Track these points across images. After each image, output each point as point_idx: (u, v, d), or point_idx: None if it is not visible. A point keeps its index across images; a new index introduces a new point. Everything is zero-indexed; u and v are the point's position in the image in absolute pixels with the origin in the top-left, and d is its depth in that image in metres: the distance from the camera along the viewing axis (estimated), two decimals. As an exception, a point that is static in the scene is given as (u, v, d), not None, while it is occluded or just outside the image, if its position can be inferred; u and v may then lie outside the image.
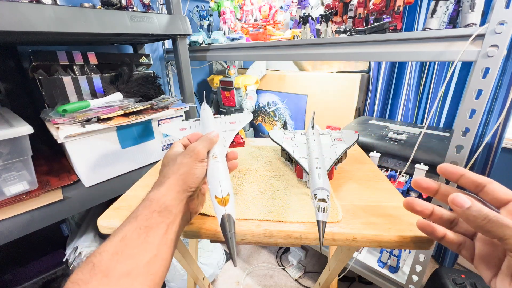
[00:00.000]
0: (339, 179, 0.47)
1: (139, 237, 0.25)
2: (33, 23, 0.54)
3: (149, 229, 0.25)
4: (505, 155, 0.98)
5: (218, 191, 0.29)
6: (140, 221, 0.26)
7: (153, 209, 0.27)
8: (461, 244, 0.26)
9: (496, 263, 0.23)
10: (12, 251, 0.86)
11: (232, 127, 0.46)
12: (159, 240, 0.25)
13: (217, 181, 0.30)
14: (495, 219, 0.20)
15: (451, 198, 0.23)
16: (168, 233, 0.27)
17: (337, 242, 0.34)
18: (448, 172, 0.26)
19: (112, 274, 0.22)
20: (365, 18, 0.73)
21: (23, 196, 0.60)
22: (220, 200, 0.28)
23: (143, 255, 0.24)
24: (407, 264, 0.88)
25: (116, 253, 0.23)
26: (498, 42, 0.46)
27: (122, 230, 0.25)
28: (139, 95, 0.83)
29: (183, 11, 1.02)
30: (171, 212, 0.27)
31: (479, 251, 0.25)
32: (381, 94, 1.15)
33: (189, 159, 0.31)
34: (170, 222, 0.27)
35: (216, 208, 0.28)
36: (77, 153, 0.64)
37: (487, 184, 0.24)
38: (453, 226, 0.27)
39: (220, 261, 1.20)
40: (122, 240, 0.24)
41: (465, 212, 0.22)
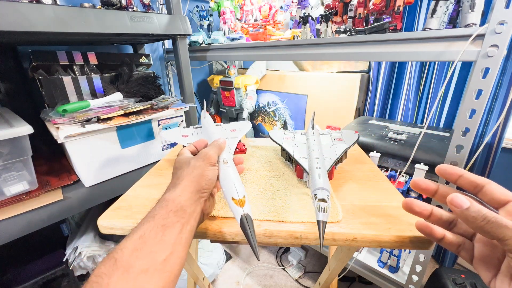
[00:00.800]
0: (339, 179, 0.47)
1: (156, 235, 0.26)
2: (33, 23, 0.54)
3: (165, 228, 0.26)
4: (505, 155, 0.98)
5: (235, 194, 0.31)
6: (157, 220, 0.27)
7: (170, 209, 0.28)
8: (460, 245, 0.26)
9: (495, 264, 0.23)
10: (12, 251, 0.86)
11: (234, 134, 0.48)
12: (174, 239, 0.26)
13: (232, 184, 0.32)
14: (494, 220, 0.20)
15: (450, 198, 0.23)
16: (183, 232, 0.28)
17: (337, 242, 0.34)
18: (446, 173, 0.26)
19: (132, 270, 0.23)
20: (365, 18, 0.73)
21: (23, 196, 0.60)
22: (238, 201, 0.30)
23: (160, 253, 0.25)
24: (407, 264, 0.88)
25: (136, 250, 0.24)
26: (498, 42, 0.46)
27: (141, 229, 0.26)
28: (139, 95, 0.83)
29: (183, 11, 1.02)
30: (185, 211, 0.29)
31: (478, 252, 0.25)
32: (381, 94, 1.15)
33: (202, 163, 0.33)
34: (185, 221, 0.28)
35: (234, 209, 0.30)
36: (77, 153, 0.64)
37: (486, 184, 0.24)
38: (452, 227, 0.27)
39: (220, 261, 1.20)
40: (141, 238, 0.25)
41: (464, 212, 0.22)
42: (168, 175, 0.51)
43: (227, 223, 0.37)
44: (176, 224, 0.27)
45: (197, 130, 0.50)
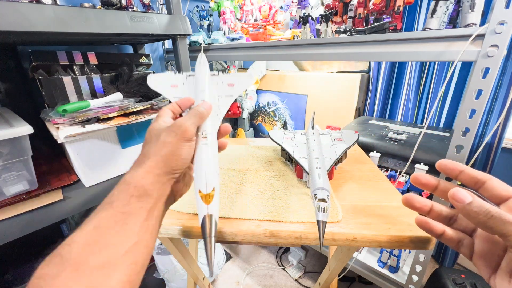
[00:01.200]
0: (339, 179, 0.47)
1: (116, 224, 0.22)
2: (33, 23, 0.54)
3: (127, 215, 0.23)
4: (505, 155, 0.98)
5: (203, 185, 0.26)
6: (116, 207, 0.23)
7: (131, 194, 0.24)
8: (460, 241, 0.26)
9: (495, 260, 0.23)
10: (12, 251, 0.86)
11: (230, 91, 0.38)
12: (139, 227, 0.23)
13: (203, 171, 0.26)
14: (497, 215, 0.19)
15: (452, 193, 0.22)
16: (149, 219, 0.24)
17: (337, 242, 0.34)
18: (447, 168, 0.26)
19: (83, 267, 0.20)
20: (365, 18, 0.73)
21: (23, 196, 0.60)
22: (204, 196, 0.25)
23: (121, 244, 0.22)
24: (407, 264, 0.88)
25: (88, 244, 0.21)
26: (498, 42, 0.46)
27: (96, 218, 0.23)
28: (139, 95, 0.83)
29: (183, 11, 1.02)
30: (151, 196, 0.25)
31: (478, 248, 0.24)
32: (381, 94, 1.15)
33: (174, 138, 0.27)
34: (150, 207, 0.25)
35: (198, 205, 0.25)
36: (77, 153, 0.64)
37: (487, 180, 0.23)
38: (452, 223, 0.27)
39: (220, 261, 1.20)
40: (95, 229, 0.22)
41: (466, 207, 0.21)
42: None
43: (227, 223, 0.37)
44: (140, 211, 0.24)
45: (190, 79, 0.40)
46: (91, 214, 0.23)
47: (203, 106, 0.31)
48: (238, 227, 0.35)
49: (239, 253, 1.35)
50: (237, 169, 0.51)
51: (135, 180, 0.25)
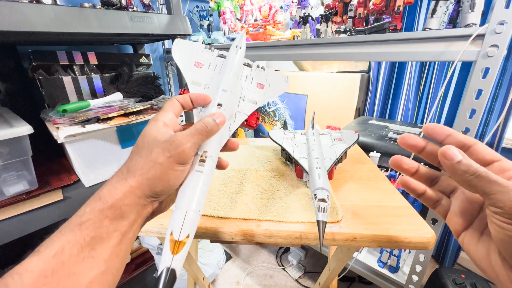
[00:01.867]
0: (339, 179, 0.47)
1: (81, 251, 0.19)
2: (33, 23, 0.54)
3: (96, 240, 0.20)
4: (505, 155, 0.97)
5: (177, 228, 0.21)
6: (85, 229, 0.20)
7: (105, 215, 0.21)
8: (438, 201, 0.27)
9: (468, 218, 0.24)
10: (12, 251, 0.86)
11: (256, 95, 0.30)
12: (109, 253, 0.20)
13: (184, 210, 0.22)
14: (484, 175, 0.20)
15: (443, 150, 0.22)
16: (122, 243, 0.21)
17: (337, 242, 0.34)
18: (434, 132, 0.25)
19: None
20: (365, 18, 0.73)
21: (23, 196, 0.60)
22: (174, 242, 0.21)
23: (85, 274, 0.19)
24: (407, 264, 0.88)
25: (45, 276, 0.17)
26: (498, 42, 0.46)
27: (58, 241, 0.19)
28: (139, 95, 0.83)
29: (183, 11, 1.02)
30: (127, 218, 0.22)
31: (454, 207, 0.25)
32: (381, 94, 1.15)
33: (166, 160, 0.23)
34: (125, 230, 0.22)
35: (164, 252, 0.21)
36: (77, 153, 0.64)
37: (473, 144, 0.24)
38: (433, 185, 0.28)
39: (220, 261, 1.20)
40: (56, 256, 0.18)
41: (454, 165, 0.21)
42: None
43: (227, 223, 0.37)
44: (113, 234, 0.21)
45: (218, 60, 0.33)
46: (55, 232, 0.20)
47: (215, 119, 0.26)
48: (238, 227, 0.35)
49: (239, 253, 1.35)
50: (237, 169, 0.51)
51: (113, 199, 0.22)
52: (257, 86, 0.31)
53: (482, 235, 0.23)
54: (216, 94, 0.28)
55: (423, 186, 0.28)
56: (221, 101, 0.27)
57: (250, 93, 0.30)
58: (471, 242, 0.23)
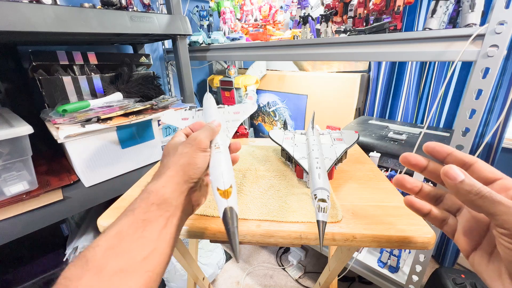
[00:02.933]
0: (339, 179, 0.47)
1: (135, 231, 0.24)
2: (33, 23, 0.54)
3: (146, 223, 0.24)
4: (505, 155, 0.98)
5: (220, 183, 0.27)
6: (137, 214, 0.25)
7: (151, 202, 0.25)
8: (444, 220, 0.26)
9: (476, 239, 0.24)
10: (12, 251, 0.86)
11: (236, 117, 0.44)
12: (157, 235, 0.24)
13: (219, 172, 0.28)
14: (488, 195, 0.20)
15: (445, 170, 0.22)
16: (168, 226, 0.26)
17: (337, 242, 0.34)
18: (435, 151, 0.26)
19: (105, 271, 0.21)
20: (365, 18, 0.73)
21: (23, 196, 0.60)
22: (222, 192, 0.27)
23: (139, 251, 0.23)
24: (407, 264, 0.88)
25: (111, 248, 0.22)
26: (498, 42, 0.46)
27: (118, 224, 0.24)
28: (139, 95, 0.83)
29: (183, 11, 1.02)
30: (170, 204, 0.26)
31: (461, 226, 0.25)
32: (381, 94, 1.15)
33: (190, 149, 0.29)
34: (169, 215, 0.26)
35: (218, 201, 0.27)
36: (77, 153, 0.64)
37: (474, 163, 0.24)
38: (438, 203, 0.27)
39: (220, 261, 1.20)
40: (117, 235, 0.23)
41: (458, 185, 0.21)
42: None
43: (227, 223, 0.36)
44: (159, 219, 0.25)
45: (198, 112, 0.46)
46: (115, 220, 0.25)
47: (214, 123, 0.35)
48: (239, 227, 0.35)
49: (239, 253, 1.35)
50: (237, 169, 0.51)
51: (156, 189, 0.26)
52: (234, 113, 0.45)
53: (491, 255, 0.22)
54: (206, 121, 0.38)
55: (428, 205, 0.27)
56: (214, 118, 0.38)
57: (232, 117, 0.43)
58: (481, 263, 0.22)
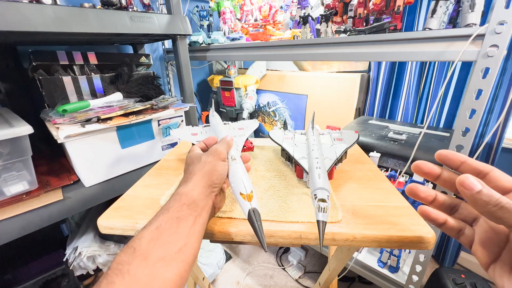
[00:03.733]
0: (339, 179, 0.47)
1: (171, 227, 0.27)
2: (33, 23, 0.54)
3: (179, 220, 0.28)
4: (505, 155, 0.98)
5: (243, 189, 0.32)
6: (172, 212, 0.28)
7: (183, 202, 0.29)
8: (461, 230, 0.25)
9: (496, 250, 0.23)
10: (12, 251, 0.86)
11: (241, 133, 0.50)
12: (188, 231, 0.28)
13: (240, 179, 0.33)
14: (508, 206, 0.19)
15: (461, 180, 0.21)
16: (196, 224, 0.29)
17: (337, 242, 0.34)
18: (447, 159, 0.25)
19: (149, 258, 0.25)
20: (365, 18, 0.73)
21: (23, 196, 0.60)
22: (245, 196, 0.31)
23: (175, 243, 0.27)
24: (407, 264, 0.88)
25: (153, 240, 0.26)
26: (498, 42, 0.46)
27: (157, 220, 0.28)
28: (139, 95, 0.83)
29: (183, 11, 1.02)
30: (198, 205, 0.30)
31: (479, 237, 0.24)
32: (381, 94, 1.15)
33: (212, 158, 0.34)
34: (197, 214, 0.29)
35: (242, 204, 0.31)
36: (77, 153, 0.64)
37: (490, 171, 0.23)
38: (454, 212, 0.27)
39: (220, 261, 1.20)
40: (157, 229, 0.27)
41: (475, 196, 0.20)
42: (168, 175, 0.51)
43: (227, 223, 0.37)
44: (189, 217, 0.29)
45: (205, 128, 0.52)
46: (153, 217, 0.29)
47: (227, 138, 0.40)
48: (238, 227, 0.35)
49: (239, 253, 1.35)
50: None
51: (186, 191, 0.31)
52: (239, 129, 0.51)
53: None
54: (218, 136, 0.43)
55: (443, 215, 0.26)
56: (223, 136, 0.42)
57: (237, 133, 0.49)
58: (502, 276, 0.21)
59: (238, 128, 0.52)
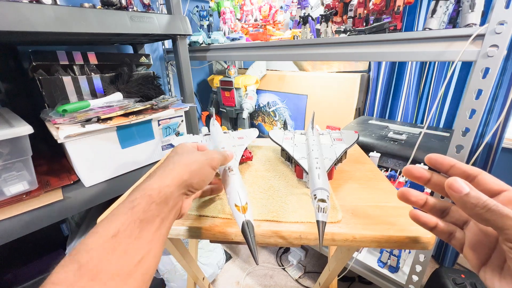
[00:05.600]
0: (339, 179, 0.47)
1: (132, 233, 0.23)
2: (33, 23, 0.54)
3: (144, 223, 0.24)
4: (505, 155, 0.98)
5: (238, 200, 0.31)
6: (136, 213, 0.24)
7: (153, 200, 0.25)
8: (452, 233, 0.26)
9: (486, 253, 0.23)
10: (12, 251, 0.86)
11: (241, 142, 0.49)
12: (151, 236, 0.24)
13: (236, 191, 0.32)
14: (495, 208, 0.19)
15: (449, 182, 0.22)
16: (161, 228, 0.25)
17: (337, 242, 0.34)
18: (438, 163, 0.25)
19: (100, 276, 0.20)
20: (365, 18, 0.73)
21: (23, 196, 0.60)
22: (240, 208, 0.31)
23: (135, 254, 0.22)
24: (407, 264, 0.88)
25: (107, 252, 0.21)
26: (498, 42, 0.46)
27: (115, 224, 0.23)
28: (139, 95, 0.83)
29: (183, 11, 1.02)
30: (167, 205, 0.26)
31: (469, 240, 0.24)
32: (381, 94, 1.15)
33: (204, 160, 0.31)
34: (164, 216, 0.26)
35: (236, 215, 0.30)
36: (77, 153, 0.64)
37: (478, 174, 0.23)
38: (445, 216, 0.27)
39: (220, 261, 1.20)
40: (114, 237, 0.22)
41: (463, 198, 0.21)
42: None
43: (227, 223, 0.37)
44: (156, 219, 0.25)
45: (206, 137, 0.52)
46: (109, 215, 0.24)
47: (227, 152, 0.37)
48: (237, 227, 0.35)
49: (239, 253, 1.35)
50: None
51: (159, 186, 0.26)
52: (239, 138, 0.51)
53: (503, 270, 0.21)
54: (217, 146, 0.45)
55: (434, 219, 0.26)
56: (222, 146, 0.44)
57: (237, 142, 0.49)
58: (493, 278, 0.22)
59: (238, 137, 0.51)
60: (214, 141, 0.48)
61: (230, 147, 0.46)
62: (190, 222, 0.37)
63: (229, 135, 0.52)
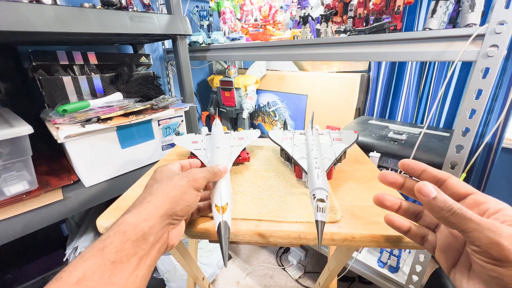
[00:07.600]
0: (338, 179, 0.47)
1: (102, 277, 0.20)
2: (33, 23, 0.54)
3: (116, 265, 0.21)
4: (505, 155, 0.98)
5: (218, 200, 0.31)
6: (106, 254, 0.21)
7: (127, 237, 0.23)
8: (424, 236, 0.27)
9: (455, 255, 0.24)
10: (12, 251, 0.86)
11: (240, 142, 0.49)
12: (126, 279, 0.21)
13: (218, 192, 0.33)
14: (459, 212, 0.20)
15: (418, 186, 0.22)
16: (140, 268, 0.23)
17: (336, 242, 0.34)
18: (410, 168, 0.27)
19: None
20: (365, 18, 0.73)
21: (23, 196, 0.60)
22: (219, 208, 0.31)
23: None
24: (407, 264, 0.88)
25: None
26: (498, 42, 0.46)
27: (81, 267, 0.20)
28: (139, 95, 0.83)
29: (183, 11, 1.02)
30: (147, 241, 0.24)
31: (440, 243, 0.25)
32: (381, 94, 1.15)
33: (185, 184, 0.28)
34: (144, 254, 0.23)
35: (215, 215, 0.30)
36: (77, 153, 0.64)
37: (447, 178, 0.24)
38: (418, 219, 0.28)
39: (220, 261, 1.20)
40: (78, 283, 0.19)
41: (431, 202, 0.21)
42: (167, 175, 0.51)
43: (226, 223, 0.36)
44: (132, 259, 0.22)
45: (207, 137, 0.51)
46: (77, 257, 0.21)
47: (219, 167, 0.34)
48: (237, 227, 0.35)
49: (239, 253, 1.35)
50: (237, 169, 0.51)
51: (135, 222, 0.24)
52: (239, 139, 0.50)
53: (469, 271, 0.22)
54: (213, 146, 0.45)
55: (407, 223, 0.27)
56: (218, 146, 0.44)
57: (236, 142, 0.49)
58: (461, 280, 0.22)
59: (239, 138, 0.51)
60: (212, 141, 0.48)
61: (227, 147, 0.45)
62: (190, 222, 0.37)
63: (230, 135, 0.52)
